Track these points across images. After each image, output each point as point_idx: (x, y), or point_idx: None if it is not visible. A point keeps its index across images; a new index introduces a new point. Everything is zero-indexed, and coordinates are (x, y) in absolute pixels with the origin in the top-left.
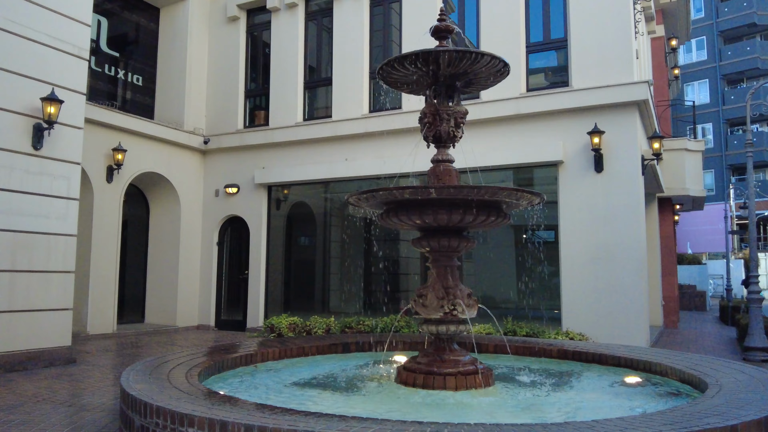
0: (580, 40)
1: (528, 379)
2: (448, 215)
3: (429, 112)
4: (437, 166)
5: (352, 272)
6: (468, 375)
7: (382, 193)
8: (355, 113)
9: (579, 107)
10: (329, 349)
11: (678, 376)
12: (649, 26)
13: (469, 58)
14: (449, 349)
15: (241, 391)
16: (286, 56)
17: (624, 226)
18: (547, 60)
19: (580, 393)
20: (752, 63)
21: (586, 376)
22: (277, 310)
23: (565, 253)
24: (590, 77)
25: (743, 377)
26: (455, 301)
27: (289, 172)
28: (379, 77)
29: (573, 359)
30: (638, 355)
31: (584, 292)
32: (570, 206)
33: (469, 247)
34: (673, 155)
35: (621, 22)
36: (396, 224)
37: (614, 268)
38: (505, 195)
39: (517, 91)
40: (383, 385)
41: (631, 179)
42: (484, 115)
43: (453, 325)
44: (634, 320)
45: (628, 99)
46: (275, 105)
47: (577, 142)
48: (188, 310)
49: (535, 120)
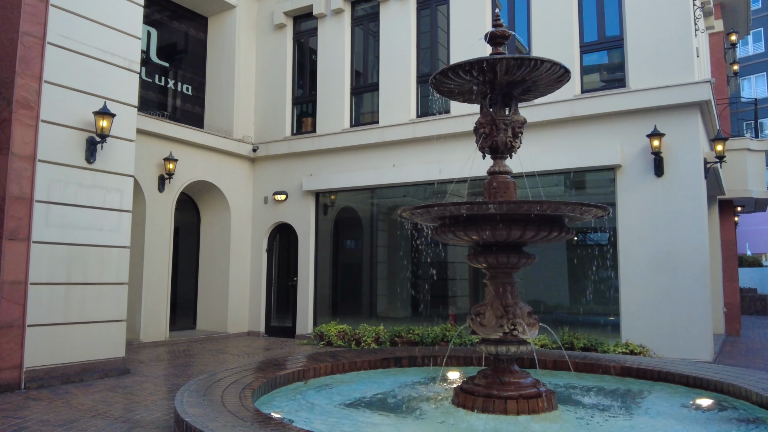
0: (636, 39)
1: (592, 400)
2: (507, 231)
3: (485, 122)
4: (494, 178)
5: (399, 277)
6: (530, 398)
7: (437, 208)
8: (403, 118)
9: (637, 109)
10: (381, 363)
11: (755, 400)
12: (707, 22)
13: (528, 66)
14: (509, 370)
15: (294, 413)
16: (332, 62)
17: (686, 232)
18: (603, 60)
19: (649, 418)
20: None
21: (653, 398)
22: (326, 316)
23: (624, 260)
24: (648, 77)
25: None
26: (515, 321)
27: (336, 179)
28: (432, 87)
29: (637, 377)
30: (708, 374)
31: (644, 300)
32: (629, 212)
33: (529, 263)
34: (735, 155)
35: (680, 19)
36: (451, 240)
37: (676, 276)
38: (569, 210)
39: (571, 92)
40: (440, 407)
41: (693, 183)
42: (536, 118)
43: (513, 346)
44: (698, 331)
45: (689, 100)
46: (322, 112)
47: (636, 145)
48: (238, 317)
49: (590, 122)
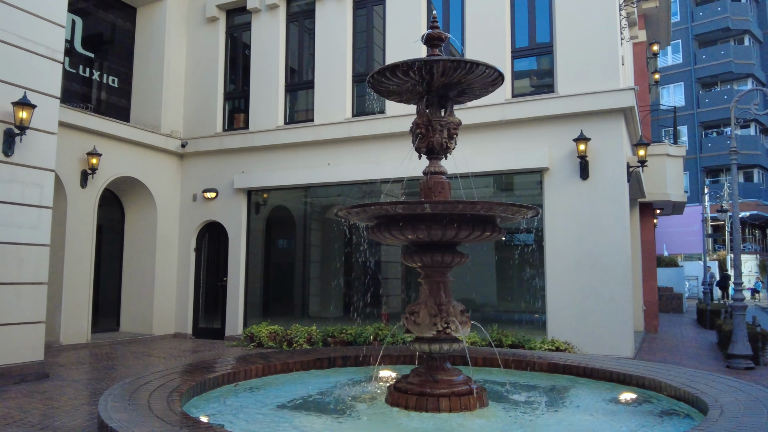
0: (565, 46)
1: (521, 397)
2: (442, 230)
3: (421, 123)
4: (430, 178)
5: (332, 277)
6: (462, 396)
7: (373, 207)
8: (338, 117)
9: (565, 114)
10: (314, 364)
11: (673, 393)
12: (632, 31)
13: (464, 68)
14: (442, 368)
15: (225, 416)
16: (266, 58)
17: (609, 233)
18: (533, 65)
19: (575, 413)
20: (726, 67)
21: (579, 393)
22: (257, 317)
23: (551, 259)
24: (576, 83)
25: (741, 396)
26: (449, 319)
27: (269, 177)
28: (370, 86)
29: (564, 373)
30: (630, 369)
31: (569, 299)
32: (555, 213)
33: (463, 262)
34: (655, 160)
35: (607, 28)
36: (387, 239)
37: (599, 275)
38: (501, 210)
39: (503, 97)
40: (373, 406)
41: (616, 186)
42: (469, 120)
43: (446, 344)
44: (620, 328)
45: (614, 106)
46: (255, 108)
47: (563, 148)
48: (165, 318)
49: (520, 126)
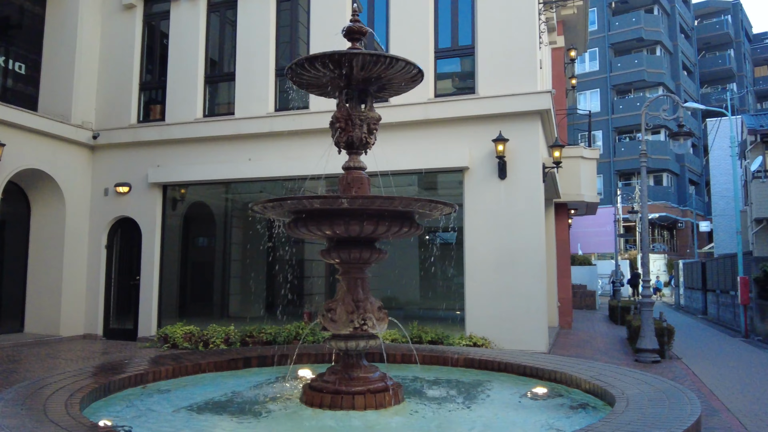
0: (486, 48)
1: (437, 393)
2: (360, 226)
3: (341, 117)
4: (348, 173)
5: (253, 276)
6: (378, 393)
7: (290, 201)
8: (260, 111)
9: (485, 115)
10: (228, 364)
11: (583, 387)
12: (551, 37)
13: (383, 63)
14: (358, 365)
15: (130, 420)
16: (185, 48)
17: (525, 231)
18: (455, 66)
19: (490, 407)
20: (639, 75)
21: (493, 388)
22: (173, 317)
23: (470, 257)
24: (496, 85)
25: (647, 388)
26: (366, 316)
27: (186, 171)
28: (288, 78)
29: (479, 368)
30: (543, 364)
31: (487, 296)
32: (475, 211)
33: (381, 258)
34: (570, 162)
35: (527, 32)
36: (304, 234)
37: (516, 273)
38: (420, 206)
39: (425, 96)
40: (288, 406)
41: (532, 186)
42: (392, 119)
43: (363, 341)
44: (535, 324)
45: (531, 108)
46: (173, 99)
47: (483, 148)
48: (73, 319)
49: (442, 126)
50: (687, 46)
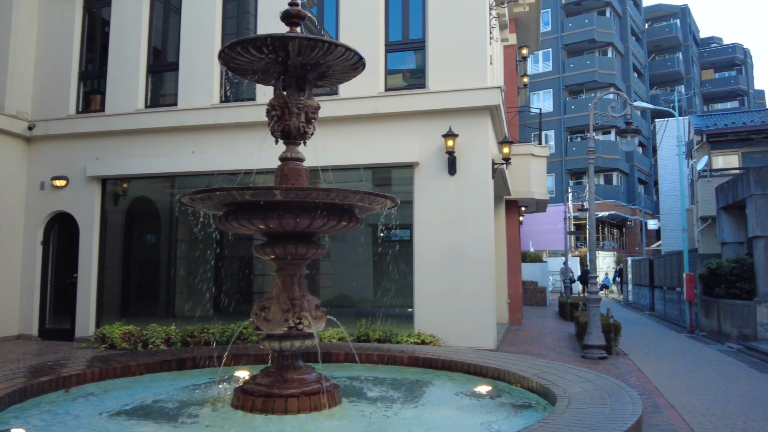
0: (437, 42)
1: (377, 393)
2: (294, 220)
3: (277, 105)
4: (285, 164)
5: (200, 273)
6: (313, 395)
7: (219, 193)
8: (204, 102)
9: (435, 110)
10: (162, 366)
11: (526, 385)
12: (503, 34)
13: (321, 48)
14: (293, 366)
15: (49, 427)
16: (127, 36)
17: (474, 227)
18: (406, 60)
19: (430, 408)
20: (591, 76)
21: (436, 387)
22: (114, 316)
23: (419, 253)
24: (446, 80)
25: (589, 386)
26: (301, 314)
27: (127, 164)
28: (222, 62)
29: (424, 366)
30: (487, 361)
31: (436, 292)
32: (424, 207)
33: (319, 254)
34: (521, 160)
35: (477, 27)
36: (236, 229)
37: (465, 269)
38: (358, 199)
39: (375, 89)
40: (218, 410)
41: (482, 182)
42: (341, 112)
43: (298, 341)
44: (483, 320)
45: (481, 104)
46: (113, 89)
47: (433, 144)
48: (6, 318)
49: (392, 120)
50: (638, 48)
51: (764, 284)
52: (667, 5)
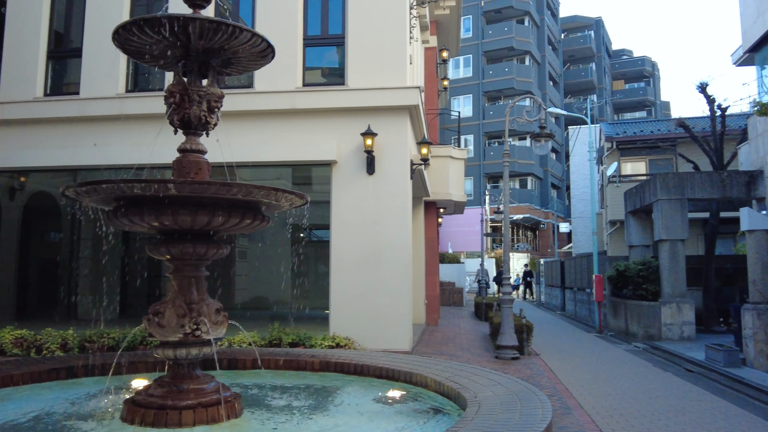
0: (356, 39)
1: (284, 401)
2: (192, 217)
3: (176, 91)
4: (184, 156)
5: (107, 274)
6: (211, 406)
7: (106, 186)
8: (109, 91)
9: (354, 107)
10: (49, 375)
11: (438, 389)
12: (423, 36)
13: (225, 32)
14: (190, 376)
15: None
16: (26, 19)
17: (393, 228)
18: (325, 56)
19: (339, 417)
20: (509, 83)
21: (347, 393)
22: (8, 320)
23: (336, 254)
24: (366, 78)
25: (500, 390)
26: (199, 320)
27: (25, 157)
28: (117, 44)
29: (336, 371)
30: (401, 365)
31: (352, 293)
32: (342, 207)
33: (220, 254)
34: (440, 162)
35: (397, 25)
36: (127, 226)
37: (382, 270)
38: (262, 195)
39: (293, 84)
40: (105, 425)
41: (400, 182)
42: (257, 106)
43: (195, 348)
44: (400, 322)
45: (400, 103)
46: (9, 76)
47: (351, 142)
48: None
49: (310, 116)
50: (554, 57)
51: (669, 286)
52: (583, 17)
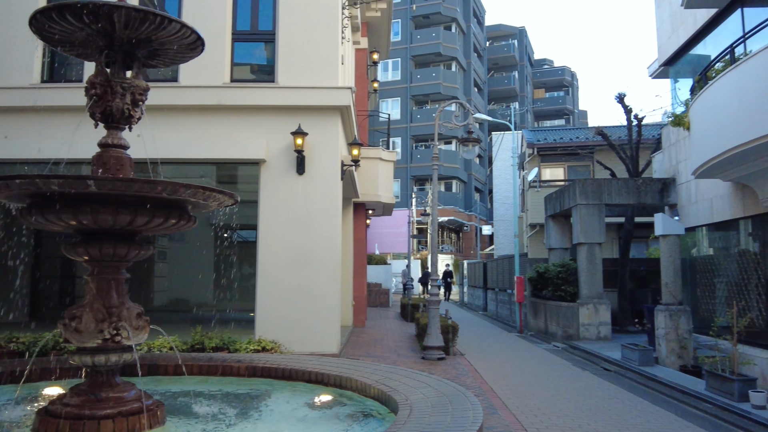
0: (288, 36)
1: (208, 409)
2: (113, 215)
3: (98, 83)
4: (105, 151)
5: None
6: (132, 415)
7: (20, 181)
8: (22, 81)
9: (284, 105)
10: None
11: (369, 393)
12: (355, 37)
13: (152, 22)
14: (109, 383)
15: None
16: None
17: (322, 229)
18: (255, 52)
19: (267, 424)
20: (436, 87)
21: (275, 399)
22: None
23: (263, 255)
24: (297, 76)
25: (431, 392)
26: (119, 324)
27: None
28: (34, 30)
29: (263, 376)
30: (329, 368)
31: (280, 296)
32: (271, 207)
33: (142, 255)
34: (369, 163)
35: (329, 24)
36: (43, 224)
37: (310, 271)
38: (190, 194)
39: (221, 79)
40: None
41: (331, 183)
42: (182, 101)
43: (115, 354)
44: (328, 324)
45: (332, 103)
46: None
47: (281, 141)
48: None
49: (239, 114)
50: (479, 64)
51: (586, 288)
52: (507, 26)
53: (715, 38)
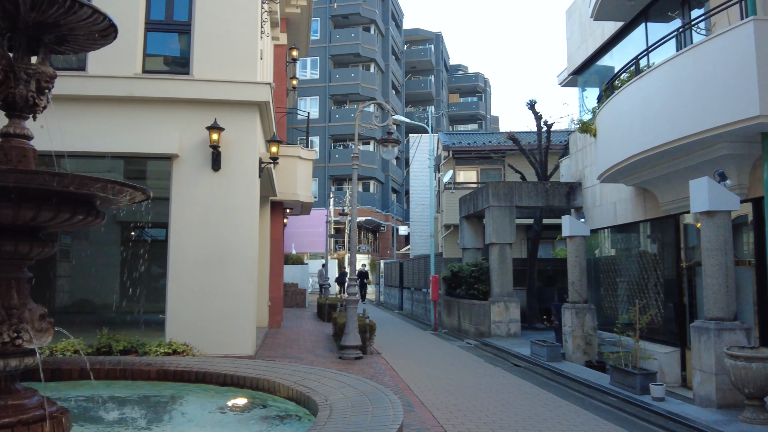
0: (204, 28)
1: (117, 415)
2: (15, 210)
3: (0, 68)
4: (7, 141)
5: None
6: (34, 423)
7: None
8: None
9: (199, 99)
10: None
11: (287, 394)
12: (274, 32)
13: (62, 6)
14: (9, 390)
15: None
16: None
17: (238, 228)
18: (169, 43)
19: (180, 428)
20: (355, 88)
21: (188, 403)
22: None
23: (175, 254)
24: (213, 69)
25: (350, 392)
26: (20, 327)
27: None
28: None
29: (175, 380)
30: (245, 370)
31: (193, 297)
32: (183, 204)
33: (45, 252)
34: (288, 161)
35: (248, 17)
36: None
37: (225, 271)
38: (99, 188)
39: (132, 70)
40: None
41: (248, 181)
42: (89, 91)
43: (15, 359)
44: (243, 326)
45: (250, 98)
46: None
47: (196, 136)
48: None
49: (151, 106)
50: (397, 67)
51: (498, 286)
52: (424, 31)
53: (622, 50)
